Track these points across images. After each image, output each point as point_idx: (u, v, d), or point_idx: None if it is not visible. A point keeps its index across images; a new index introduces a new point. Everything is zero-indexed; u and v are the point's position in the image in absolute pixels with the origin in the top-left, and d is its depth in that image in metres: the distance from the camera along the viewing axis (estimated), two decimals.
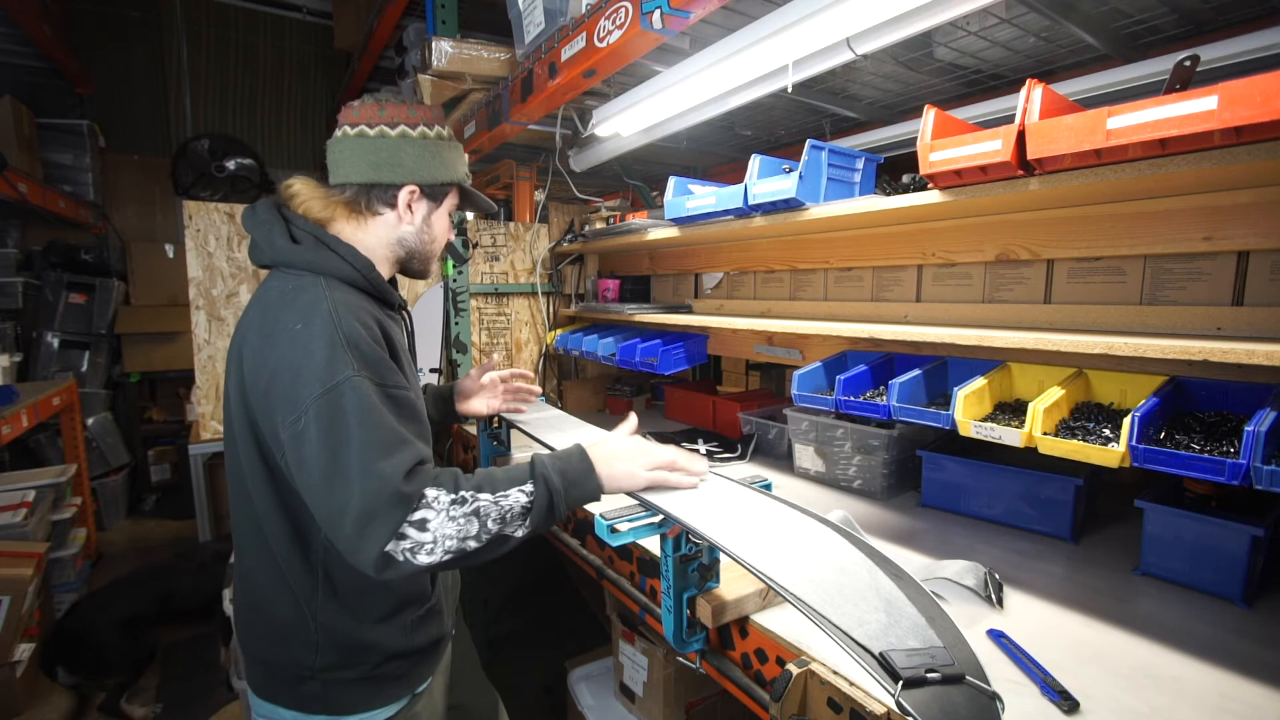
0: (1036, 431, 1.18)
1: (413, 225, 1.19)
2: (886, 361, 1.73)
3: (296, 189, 1.13)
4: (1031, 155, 1.13)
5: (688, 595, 1.13)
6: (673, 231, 2.17)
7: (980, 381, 1.38)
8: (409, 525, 0.88)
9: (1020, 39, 1.60)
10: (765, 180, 1.75)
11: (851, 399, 1.56)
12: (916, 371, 1.52)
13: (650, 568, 1.40)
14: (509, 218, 3.33)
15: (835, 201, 1.65)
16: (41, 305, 4.48)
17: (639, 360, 2.29)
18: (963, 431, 1.30)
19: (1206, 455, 1.01)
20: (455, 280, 2.75)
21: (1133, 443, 1.05)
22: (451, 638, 1.30)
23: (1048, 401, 1.21)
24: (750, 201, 1.78)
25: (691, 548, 1.10)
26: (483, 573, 2.77)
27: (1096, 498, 1.59)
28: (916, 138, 1.31)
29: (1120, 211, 1.35)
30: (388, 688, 1.11)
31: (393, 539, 0.87)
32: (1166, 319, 1.32)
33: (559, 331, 2.91)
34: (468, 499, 0.92)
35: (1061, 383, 1.31)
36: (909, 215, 1.59)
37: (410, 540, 0.88)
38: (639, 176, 3.18)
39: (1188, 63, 1.11)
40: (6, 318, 4.30)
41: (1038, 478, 1.49)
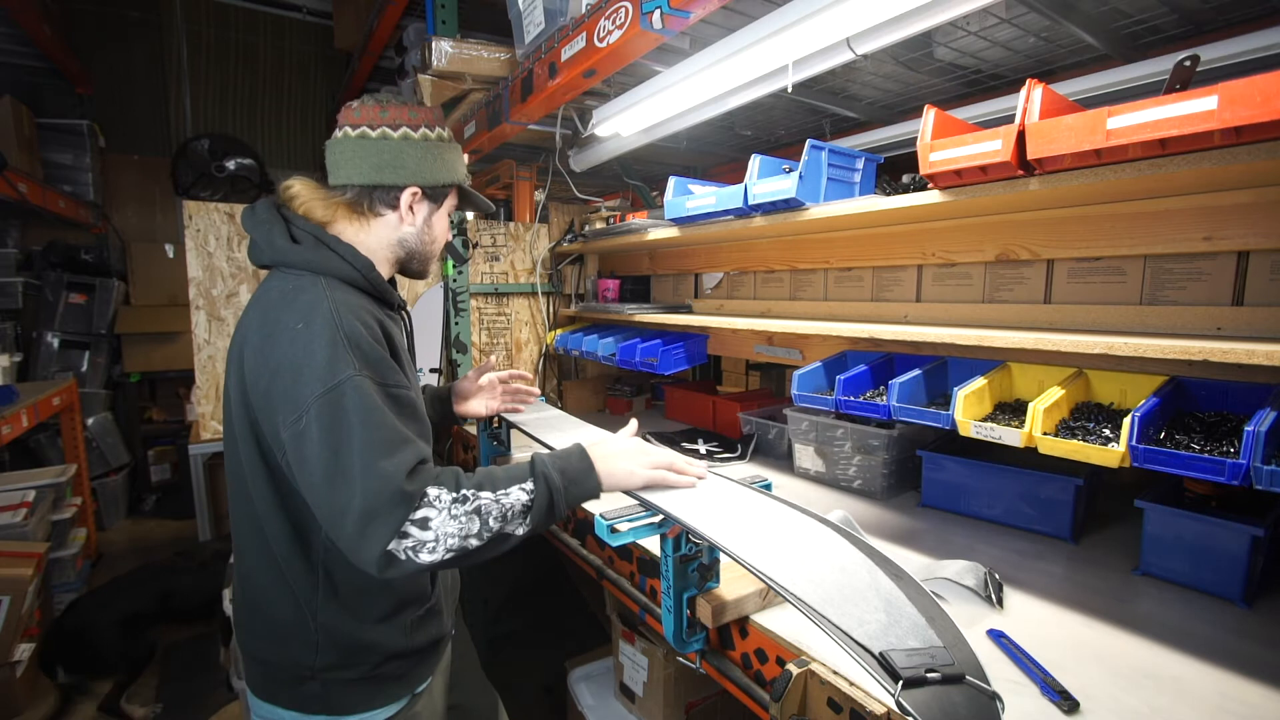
0: (1036, 431, 1.18)
1: (414, 226, 1.19)
2: (886, 361, 1.73)
3: (296, 190, 1.13)
4: (1031, 155, 1.13)
5: (688, 595, 1.13)
6: (673, 231, 2.17)
7: (980, 381, 1.38)
8: (411, 524, 0.88)
9: (1020, 39, 1.60)
10: (765, 180, 1.75)
11: (851, 399, 1.56)
12: (916, 371, 1.52)
13: (650, 568, 1.40)
14: (509, 218, 3.33)
15: (835, 201, 1.65)
16: (41, 305, 4.48)
17: (639, 360, 2.29)
18: (963, 431, 1.31)
19: (1206, 455, 1.01)
20: (455, 280, 2.75)
21: (1133, 443, 1.05)
22: (451, 638, 1.30)
23: (1048, 401, 1.21)
24: (750, 201, 1.78)
25: (691, 548, 1.10)
26: (483, 573, 2.77)
27: (1096, 498, 1.59)
28: (916, 138, 1.32)
29: (1120, 211, 1.35)
30: (387, 688, 1.11)
31: (395, 538, 0.87)
32: (1166, 319, 1.32)
33: (559, 331, 2.92)
34: (469, 497, 0.92)
35: (1061, 383, 1.31)
36: (909, 215, 1.60)
37: (412, 539, 0.88)
38: (639, 176, 3.18)
39: (1188, 63, 1.11)
40: (6, 318, 4.30)
41: (1038, 478, 1.49)
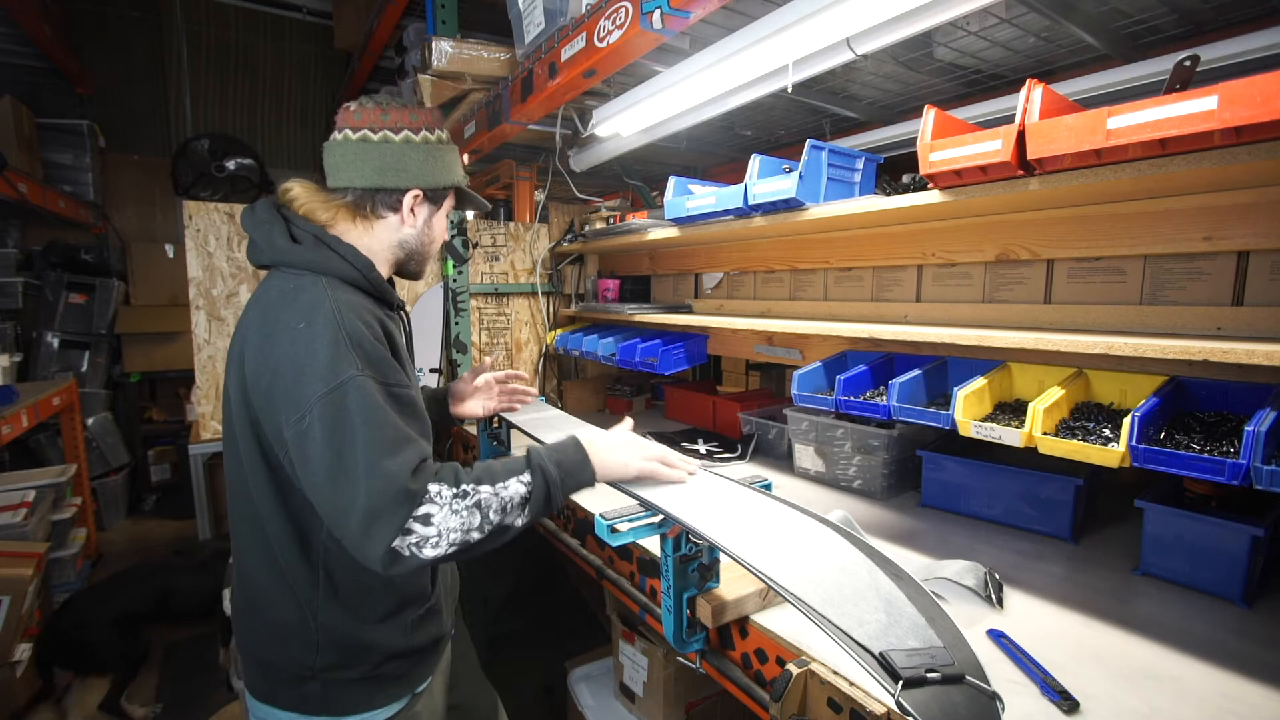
0: (1036, 431, 1.18)
1: (414, 228, 1.20)
2: (886, 361, 1.73)
3: (296, 192, 1.13)
4: (1031, 155, 1.13)
5: (688, 595, 1.13)
6: (673, 231, 2.17)
7: (980, 381, 1.38)
8: (414, 521, 0.89)
9: (1020, 39, 1.60)
10: (765, 180, 1.75)
11: (851, 399, 1.56)
12: (916, 371, 1.52)
13: (650, 568, 1.40)
14: (509, 218, 3.32)
15: (835, 201, 1.65)
16: (41, 305, 4.48)
17: (639, 360, 2.29)
18: (963, 431, 1.31)
19: (1206, 455, 1.01)
20: (455, 280, 2.75)
21: (1133, 443, 1.05)
22: (451, 638, 1.30)
23: (1048, 401, 1.21)
24: (750, 201, 1.78)
25: (691, 548, 1.10)
26: (483, 573, 2.78)
27: (1096, 498, 1.59)
28: (916, 138, 1.32)
29: (1120, 211, 1.35)
30: (387, 687, 1.11)
31: (399, 535, 0.89)
32: (1166, 319, 1.32)
33: (559, 331, 2.92)
34: (469, 492, 0.94)
35: (1061, 383, 1.31)
36: (909, 215, 1.60)
37: (416, 535, 0.89)
38: (639, 176, 3.18)
39: (1188, 63, 1.11)
40: (6, 318, 4.29)
41: (1038, 478, 1.49)
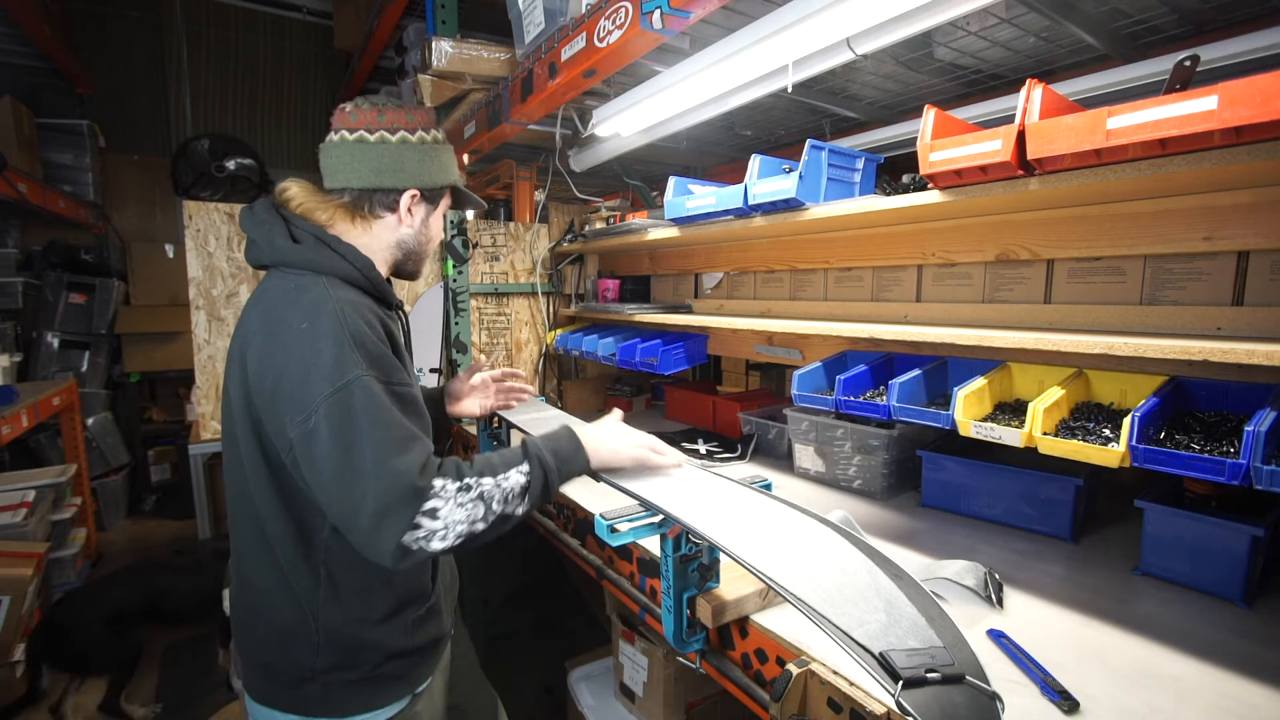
0: (1036, 431, 1.18)
1: (412, 228, 1.20)
2: (886, 361, 1.73)
3: (293, 192, 1.13)
4: (1031, 155, 1.13)
5: (688, 595, 1.13)
6: (673, 231, 2.17)
7: (980, 381, 1.38)
8: (422, 515, 0.91)
9: (1020, 39, 1.60)
10: (765, 180, 1.75)
11: (851, 399, 1.56)
12: (916, 371, 1.52)
13: (650, 568, 1.40)
14: (509, 218, 3.33)
15: (835, 201, 1.65)
16: (41, 305, 4.48)
17: (639, 360, 2.29)
18: (963, 431, 1.31)
19: (1206, 455, 1.01)
20: (455, 280, 2.75)
21: (1133, 443, 1.05)
22: (450, 638, 1.30)
23: (1048, 401, 1.21)
24: (750, 201, 1.78)
25: (691, 548, 1.10)
26: (483, 572, 2.78)
27: (1096, 498, 1.59)
28: (916, 138, 1.32)
29: (1120, 211, 1.35)
30: (388, 688, 1.11)
31: (408, 530, 0.90)
32: (1166, 319, 1.32)
33: (559, 331, 2.92)
34: (472, 485, 0.96)
35: (1061, 383, 1.31)
36: (909, 215, 1.59)
37: (423, 529, 0.91)
38: (639, 176, 3.18)
39: (1188, 63, 1.11)
40: (6, 318, 4.29)
41: (1038, 478, 1.49)
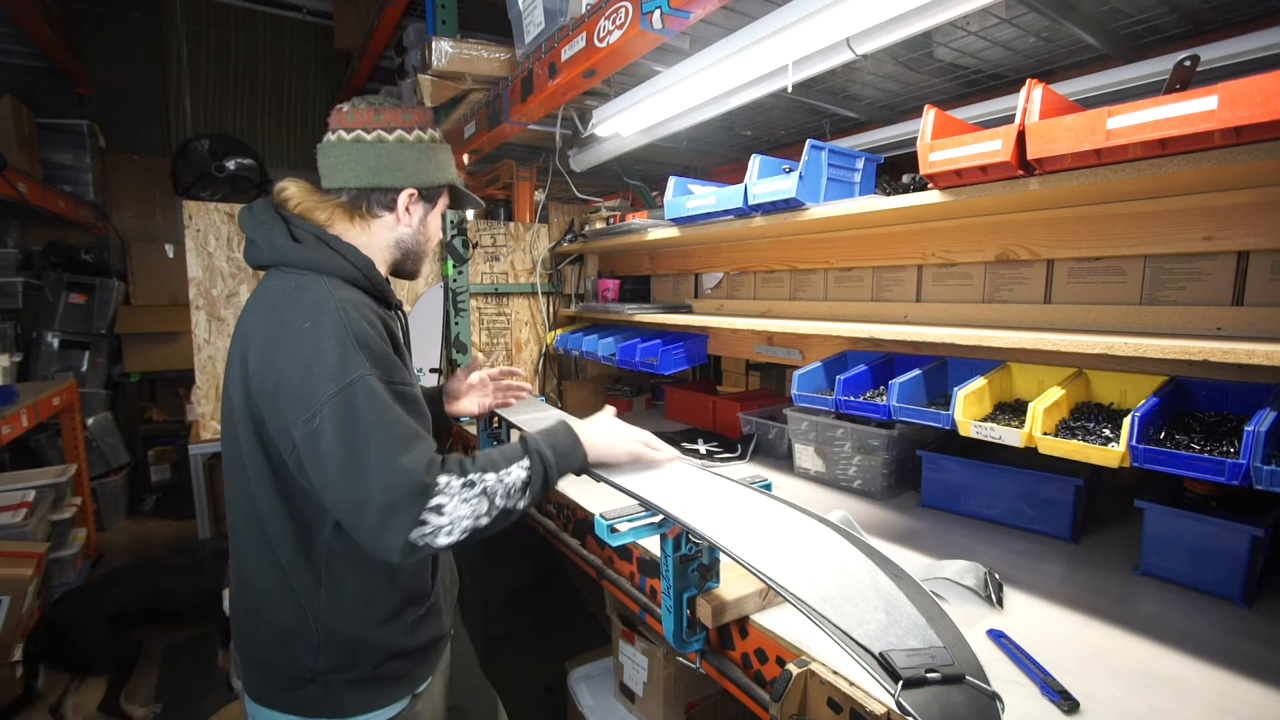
0: (1036, 431, 1.18)
1: (410, 227, 1.20)
2: (886, 361, 1.73)
3: (291, 192, 1.13)
4: (1031, 155, 1.13)
5: (688, 595, 1.13)
6: (673, 231, 2.17)
7: (980, 381, 1.38)
8: (428, 512, 0.93)
9: (1020, 39, 1.60)
10: (765, 180, 1.75)
11: (851, 399, 1.56)
12: (916, 371, 1.52)
13: (650, 568, 1.40)
14: (509, 218, 3.32)
15: (835, 201, 1.65)
16: (41, 305, 4.48)
17: (639, 360, 2.29)
18: (963, 431, 1.31)
19: (1206, 455, 1.01)
20: (455, 280, 2.75)
21: (1133, 443, 1.05)
22: (450, 638, 1.30)
23: (1048, 401, 1.21)
24: (750, 201, 1.78)
25: (691, 548, 1.10)
26: (483, 573, 2.77)
27: (1096, 498, 1.59)
28: (916, 138, 1.32)
29: (1120, 211, 1.35)
30: (389, 688, 1.11)
31: (415, 526, 0.92)
32: (1166, 319, 1.32)
33: (559, 331, 2.92)
34: (475, 481, 0.98)
35: (1061, 383, 1.31)
36: (909, 215, 1.59)
37: (430, 526, 0.93)
38: (639, 176, 3.18)
39: (1188, 63, 1.11)
40: (6, 318, 4.29)
41: (1038, 478, 1.49)
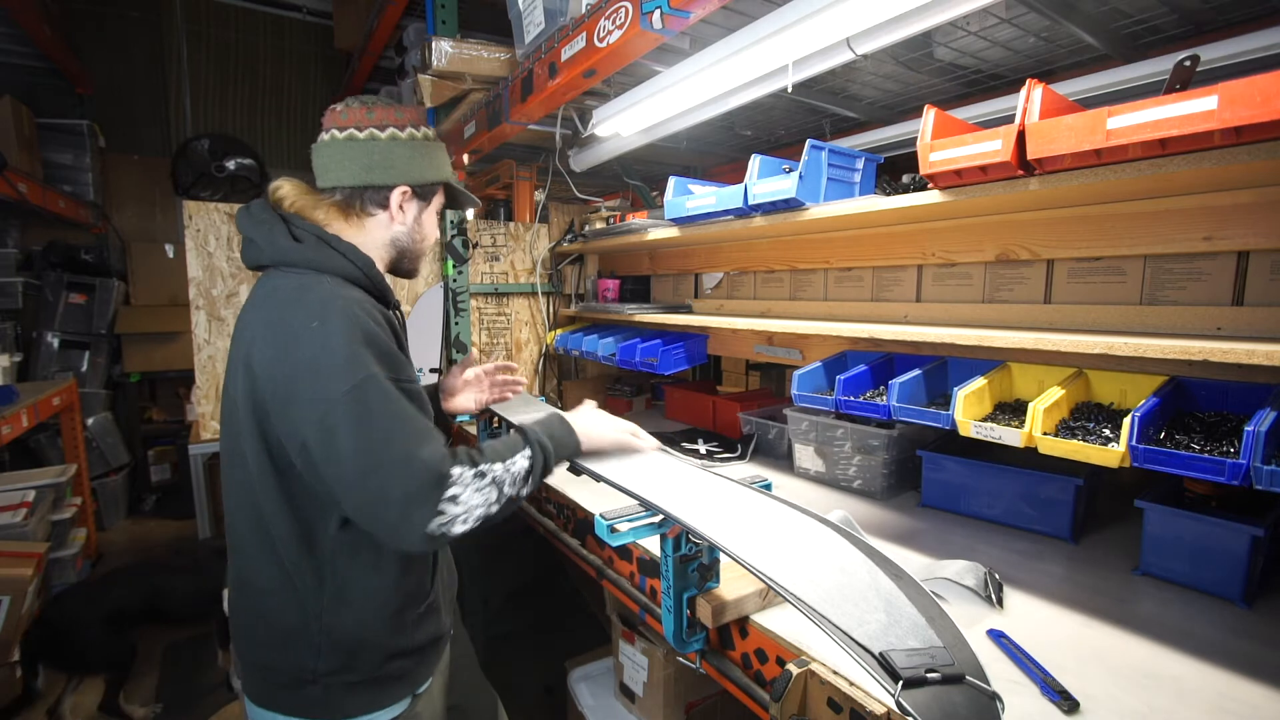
0: (1036, 431, 1.18)
1: (404, 225, 1.20)
2: (886, 361, 1.73)
3: (285, 191, 1.13)
4: (1031, 155, 1.13)
5: (688, 595, 1.13)
6: (673, 231, 2.17)
7: (980, 381, 1.38)
8: (444, 502, 0.96)
9: (1020, 39, 1.60)
10: (765, 180, 1.75)
11: (851, 399, 1.56)
12: (916, 371, 1.52)
13: (650, 568, 1.40)
14: (509, 218, 3.32)
15: (835, 201, 1.65)
16: (41, 305, 4.47)
17: (639, 360, 2.29)
18: (963, 431, 1.31)
19: (1206, 455, 1.01)
20: (455, 280, 2.75)
21: (1133, 443, 1.05)
22: (450, 638, 1.30)
23: (1048, 401, 1.21)
24: (750, 201, 1.78)
25: (691, 548, 1.10)
26: (483, 572, 2.77)
27: (1096, 498, 1.59)
28: (916, 138, 1.32)
29: (1120, 211, 1.35)
30: (390, 689, 1.11)
31: (434, 517, 0.95)
32: (1166, 319, 1.32)
33: (559, 331, 2.92)
34: (485, 472, 1.02)
35: (1061, 383, 1.31)
36: (909, 215, 1.59)
37: (447, 515, 0.96)
38: (639, 176, 3.18)
39: (1188, 63, 1.11)
40: (6, 318, 4.29)
41: (1038, 478, 1.49)
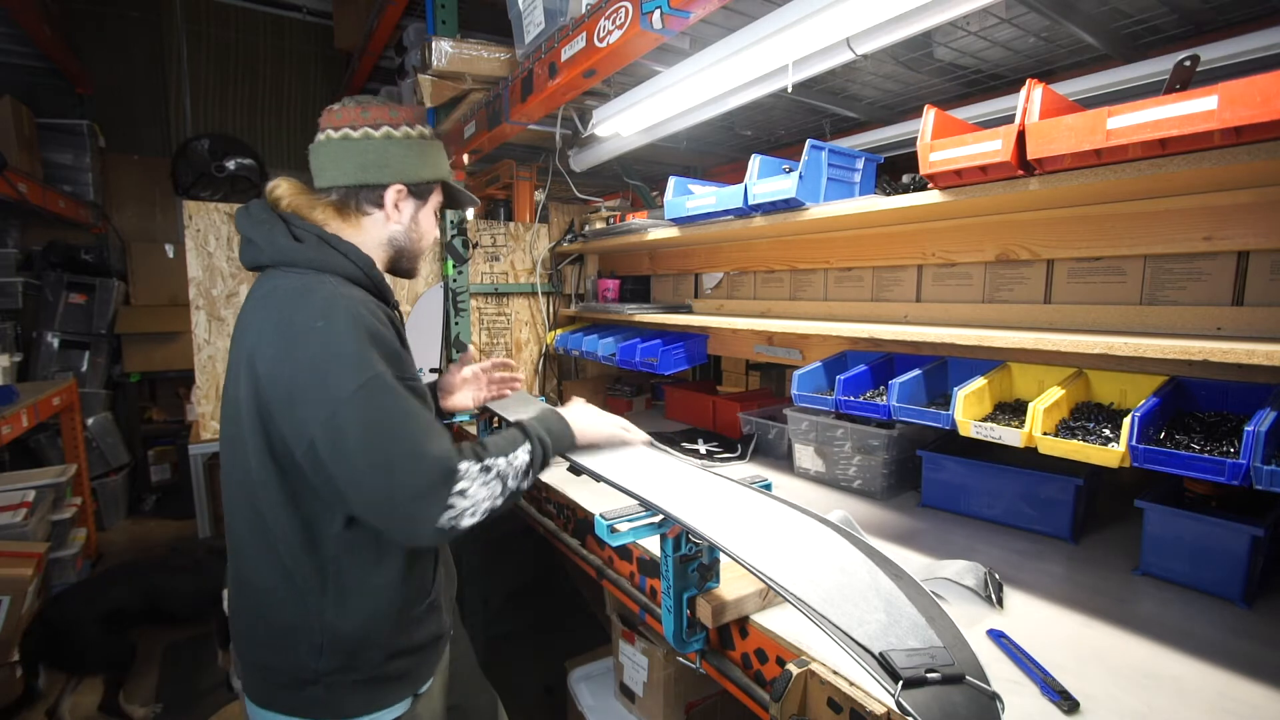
0: (1036, 431, 1.18)
1: (401, 224, 1.20)
2: (886, 361, 1.73)
3: (282, 190, 1.13)
4: (1031, 155, 1.13)
5: (688, 595, 1.13)
6: (673, 231, 2.17)
7: (980, 381, 1.38)
8: (454, 496, 0.99)
9: (1020, 39, 1.60)
10: (765, 180, 1.75)
11: (851, 399, 1.56)
12: (916, 371, 1.52)
13: (650, 568, 1.40)
14: (509, 218, 3.32)
15: (835, 201, 1.65)
16: (41, 305, 4.47)
17: (639, 360, 2.29)
18: (963, 431, 1.31)
19: (1206, 455, 1.01)
20: (455, 280, 2.75)
21: (1133, 443, 1.05)
22: (449, 638, 1.30)
23: (1048, 401, 1.21)
24: (750, 201, 1.78)
25: (691, 548, 1.10)
26: (483, 572, 2.78)
27: (1096, 498, 1.59)
28: (916, 138, 1.31)
29: (1120, 211, 1.35)
30: (391, 689, 1.11)
31: (445, 510, 0.98)
32: (1166, 319, 1.32)
33: (559, 331, 2.92)
34: (491, 466, 1.05)
35: (1061, 383, 1.31)
36: (909, 215, 1.59)
37: (457, 509, 0.99)
38: (639, 176, 3.18)
39: (1188, 63, 1.11)
40: (6, 318, 4.29)
41: (1038, 478, 1.49)
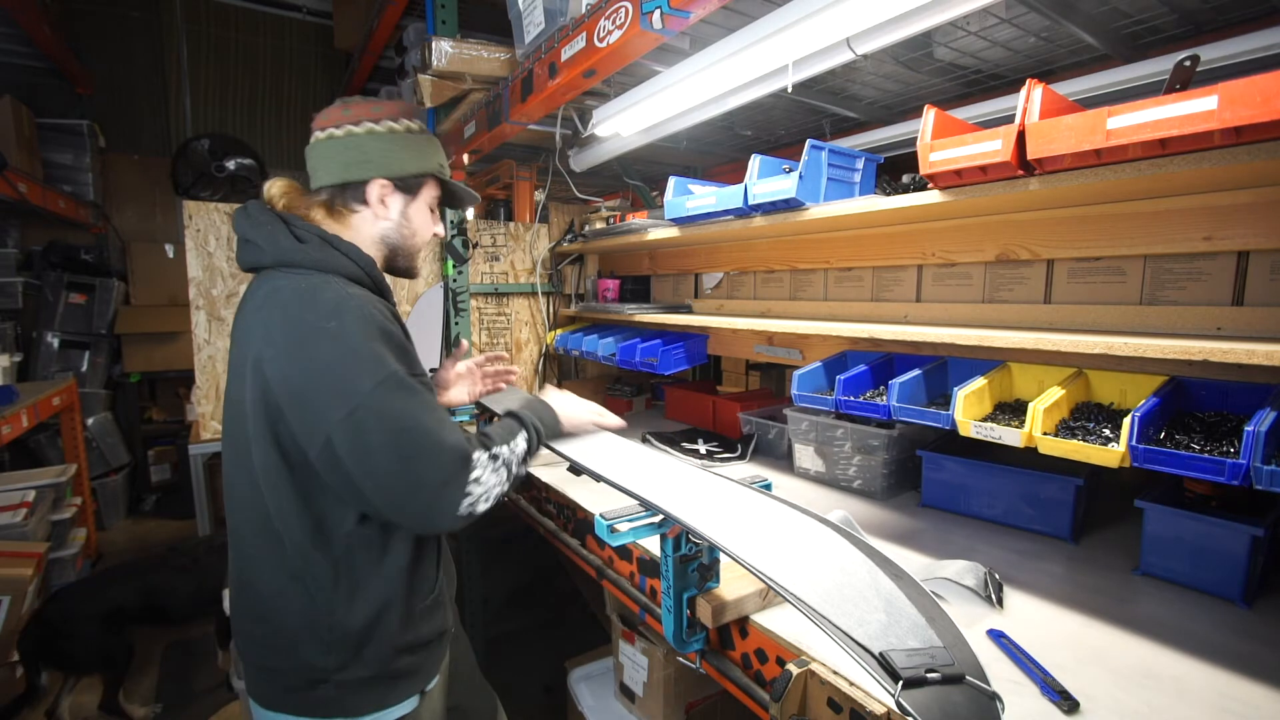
0: (1036, 431, 1.18)
1: (389, 220, 1.19)
2: (886, 361, 1.73)
3: (276, 190, 1.14)
4: (1031, 155, 1.13)
5: (688, 595, 1.13)
6: (673, 231, 2.17)
7: (980, 381, 1.38)
8: (470, 484, 1.04)
9: (1020, 39, 1.60)
10: (765, 180, 1.75)
11: (851, 399, 1.56)
12: (916, 371, 1.52)
13: (650, 568, 1.40)
14: (509, 218, 3.32)
15: (835, 201, 1.65)
16: (41, 305, 4.48)
17: (639, 360, 2.28)
18: (963, 431, 1.30)
19: (1206, 455, 1.01)
20: (455, 280, 2.75)
21: (1133, 443, 1.05)
22: (451, 636, 1.31)
23: (1048, 401, 1.21)
24: (750, 201, 1.78)
25: (691, 548, 1.10)
26: (483, 572, 2.78)
27: (1096, 498, 1.59)
28: (916, 138, 1.31)
29: (1120, 211, 1.35)
30: (399, 686, 1.11)
31: (463, 497, 1.03)
32: (1166, 319, 1.32)
33: (559, 331, 2.92)
34: (498, 454, 1.11)
35: (1061, 383, 1.31)
36: (909, 215, 1.59)
37: (473, 495, 1.05)
38: (639, 176, 3.18)
39: (1188, 63, 1.11)
40: (6, 318, 4.29)
41: (1038, 478, 1.49)
